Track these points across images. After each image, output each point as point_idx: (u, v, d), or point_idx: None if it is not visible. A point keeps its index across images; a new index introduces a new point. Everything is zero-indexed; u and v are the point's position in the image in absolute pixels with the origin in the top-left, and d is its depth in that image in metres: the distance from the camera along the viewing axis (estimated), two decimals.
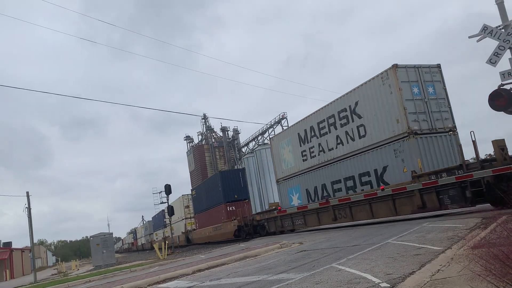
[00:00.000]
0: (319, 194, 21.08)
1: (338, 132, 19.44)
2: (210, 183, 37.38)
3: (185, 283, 9.82)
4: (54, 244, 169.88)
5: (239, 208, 31.19)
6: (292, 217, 22.64)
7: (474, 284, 4.11)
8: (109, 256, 32.23)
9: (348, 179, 18.98)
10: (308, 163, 21.94)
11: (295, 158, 23.30)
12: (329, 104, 20.22)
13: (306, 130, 22.16)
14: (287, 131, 25.16)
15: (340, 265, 7.52)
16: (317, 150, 21.11)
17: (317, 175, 21.30)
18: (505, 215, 9.18)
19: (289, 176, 24.00)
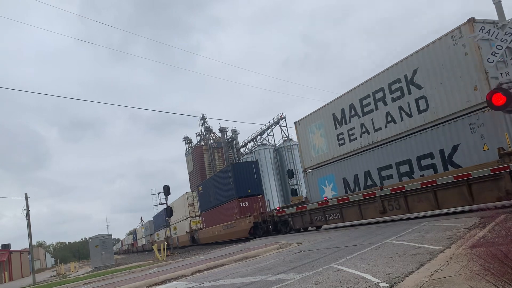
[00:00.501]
0: (362, 183, 18.47)
1: (388, 108, 16.69)
2: (220, 177, 34.36)
3: (184, 284, 9.81)
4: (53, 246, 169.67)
5: (255, 204, 28.85)
6: (325, 211, 19.64)
7: (473, 283, 4.12)
8: (108, 258, 32.17)
9: (402, 164, 16.27)
10: (346, 148, 19.32)
11: (328, 143, 20.54)
12: (375, 77, 17.46)
13: (343, 109, 19.35)
14: (318, 112, 21.54)
15: (339, 265, 7.52)
16: (359, 131, 18.40)
17: (359, 161, 18.61)
18: (503, 214, 9.20)
19: (321, 164, 21.33)
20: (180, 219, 46.81)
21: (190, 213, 42.84)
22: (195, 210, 42.84)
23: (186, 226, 43.98)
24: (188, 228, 42.83)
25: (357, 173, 18.79)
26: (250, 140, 61.32)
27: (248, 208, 28.94)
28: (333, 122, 20.22)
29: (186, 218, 44.20)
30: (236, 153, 64.12)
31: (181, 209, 45.67)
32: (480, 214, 11.17)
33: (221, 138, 67.97)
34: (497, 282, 3.56)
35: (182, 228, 45.55)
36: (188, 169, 71.93)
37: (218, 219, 33.73)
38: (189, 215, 42.96)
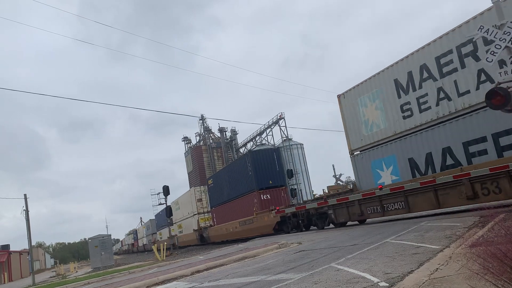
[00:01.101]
0: (437, 164, 15.03)
1: (482, 64, 13.22)
2: (235, 168, 30.81)
3: (184, 284, 9.80)
4: (53, 246, 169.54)
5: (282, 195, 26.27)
6: (382, 200, 16.30)
7: (472, 282, 4.12)
8: (108, 258, 32.15)
9: (503, 135, 12.89)
10: (415, 120, 15.92)
11: (388, 116, 17.16)
12: (461, 26, 14.08)
13: (411, 72, 15.96)
14: (372, 81, 18.01)
15: (339, 265, 7.52)
16: (434, 98, 14.97)
17: (433, 136, 15.19)
18: (502, 213, 9.21)
19: (376, 144, 17.90)
20: (186, 216, 43.79)
21: (198, 209, 39.68)
22: (204, 206, 39.87)
23: (193, 223, 41.01)
24: (196, 225, 39.87)
25: (430, 151, 15.34)
26: (249, 140, 61.34)
27: (270, 201, 25.99)
28: (395, 90, 16.77)
29: (193, 215, 41.13)
30: (235, 153, 64.12)
31: (188, 206, 42.77)
32: (479, 213, 11.18)
33: (220, 138, 67.98)
34: (496, 281, 3.56)
35: (189, 226, 42.69)
36: (187, 169, 71.92)
37: (233, 214, 30.72)
38: (196, 211, 39.80)
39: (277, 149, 29.57)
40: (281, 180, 27.61)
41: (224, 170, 35.09)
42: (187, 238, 43.34)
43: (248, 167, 27.61)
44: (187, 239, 43.35)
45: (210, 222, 37.79)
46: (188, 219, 42.90)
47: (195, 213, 40.33)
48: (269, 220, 24.29)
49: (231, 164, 34.85)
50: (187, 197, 43.14)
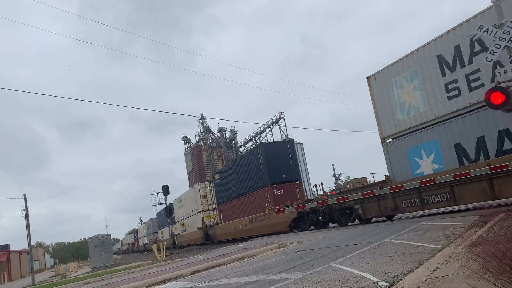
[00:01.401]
0: (492, 149, 13.29)
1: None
2: (245, 162, 29.08)
3: (184, 284, 9.80)
4: (52, 246, 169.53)
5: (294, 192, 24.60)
6: (421, 192, 14.67)
7: (472, 282, 4.12)
8: (107, 258, 32.15)
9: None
10: (463, 101, 14.07)
11: (429, 97, 15.36)
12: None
13: (458, 46, 14.12)
14: (409, 58, 16.19)
15: (339, 264, 7.52)
16: (489, 74, 13.20)
17: (487, 117, 13.34)
18: (502, 213, 9.21)
19: (414, 129, 16.09)
20: (190, 214, 42.24)
21: (202, 206, 38.05)
22: (209, 203, 38.16)
23: (197, 221, 39.37)
24: (201, 223, 38.15)
25: (483, 135, 13.53)
26: (249, 140, 61.40)
27: (284, 196, 24.29)
28: (438, 67, 14.96)
29: (197, 213, 39.50)
30: (235, 153, 64.13)
31: (191, 203, 41.13)
32: (479, 213, 11.19)
33: (220, 138, 68.00)
34: (496, 280, 3.56)
35: (193, 224, 40.92)
36: (187, 169, 71.93)
37: (242, 211, 29.10)
38: (201, 208, 38.16)
39: (291, 142, 27.45)
40: (295, 174, 25.88)
41: (232, 165, 33.20)
42: (191, 237, 41.69)
43: (260, 160, 25.83)
44: (191, 238, 41.66)
45: (217, 219, 36.07)
46: (192, 217, 41.22)
47: (199, 211, 38.62)
48: (284, 217, 22.52)
49: (240, 157, 33.05)
50: (191, 194, 41.42)
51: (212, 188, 37.81)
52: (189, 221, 42.35)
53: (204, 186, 39.12)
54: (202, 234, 37.47)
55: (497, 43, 11.61)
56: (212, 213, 37.43)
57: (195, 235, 39.51)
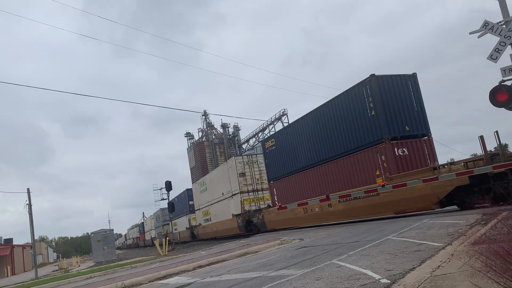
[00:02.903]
0: None
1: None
2: (333, 111, 19.90)
3: (186, 279, 9.84)
4: (55, 241, 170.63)
5: (421, 152, 17.07)
6: None
7: (475, 280, 4.11)
8: (110, 252, 32.28)
9: None
10: None
11: None
12: None
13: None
14: None
15: (341, 261, 7.53)
16: None
17: None
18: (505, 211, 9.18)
19: None
20: (219, 199, 34.25)
21: (240, 187, 29.55)
22: (248, 183, 29.87)
23: (232, 207, 31.14)
24: (239, 209, 29.41)
25: None
26: (252, 136, 61.42)
27: (408, 158, 16.83)
28: None
29: (231, 196, 31.23)
30: (238, 149, 64.16)
31: (222, 184, 33.54)
32: (482, 211, 11.17)
33: (223, 134, 68.03)
34: (498, 279, 3.56)
35: (224, 211, 32.77)
36: (190, 165, 72.05)
37: (319, 187, 21.07)
38: (238, 190, 29.66)
39: (413, 75, 18.04)
40: (422, 125, 17.59)
41: (303, 121, 22.76)
42: (221, 227, 33.50)
43: (368, 103, 17.43)
44: (222, 228, 33.42)
45: (262, 203, 29.14)
46: (222, 201, 33.45)
47: (235, 193, 30.49)
48: (432, 187, 14.44)
49: (323, 105, 20.84)
50: (221, 173, 33.46)
51: (252, 163, 30.37)
52: (218, 208, 34.48)
53: (242, 161, 30.51)
54: (240, 223, 29.29)
55: (502, 41, 11.54)
56: (252, 195, 29.90)
57: (228, 224, 31.52)
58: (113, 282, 11.48)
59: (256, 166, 30.56)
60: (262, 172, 29.97)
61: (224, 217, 32.63)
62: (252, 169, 30.50)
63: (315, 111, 21.74)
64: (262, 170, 29.68)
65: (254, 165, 30.48)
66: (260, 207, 28.77)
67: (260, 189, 30.36)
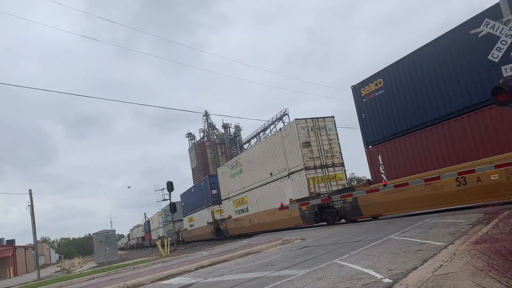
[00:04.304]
0: None
1: None
2: None
3: (188, 279, 9.84)
4: (57, 242, 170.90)
5: None
6: None
7: (477, 279, 4.11)
8: (112, 253, 32.32)
9: None
10: None
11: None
12: None
13: None
14: None
15: (343, 261, 7.53)
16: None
17: None
18: (507, 210, 9.17)
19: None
20: (262, 181, 26.63)
21: (304, 161, 21.88)
22: (314, 156, 22.09)
23: (287, 190, 23.73)
24: (302, 191, 22.05)
25: None
26: (253, 136, 61.44)
27: None
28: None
29: (286, 176, 23.69)
30: (239, 149, 64.17)
31: (268, 161, 25.96)
32: (484, 210, 11.15)
33: (224, 134, 68.08)
34: (501, 278, 3.55)
35: (272, 198, 25.31)
36: (191, 165, 72.15)
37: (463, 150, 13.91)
38: (302, 165, 21.93)
39: None
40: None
41: (442, 42, 14.68)
42: (269, 218, 25.26)
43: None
44: (268, 220, 25.49)
45: (343, 183, 22.44)
46: (269, 184, 25.79)
47: (296, 169, 22.62)
48: None
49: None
50: (270, 146, 25.53)
51: (319, 129, 22.69)
52: (261, 194, 26.93)
53: (306, 125, 22.50)
54: (306, 212, 21.15)
55: (503, 39, 11.52)
56: (320, 173, 22.03)
57: (286, 214, 23.20)
58: (115, 283, 11.49)
59: (324, 133, 22.95)
60: (332, 142, 22.94)
61: (272, 204, 25.19)
62: (319, 137, 22.76)
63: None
64: (332, 139, 23.01)
65: (322, 132, 22.89)
66: (331, 189, 21.64)
67: (330, 164, 22.53)
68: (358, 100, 18.93)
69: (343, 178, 22.57)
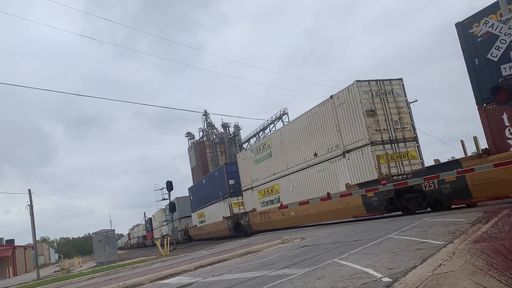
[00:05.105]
0: None
1: None
2: None
3: (188, 279, 9.84)
4: (57, 241, 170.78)
5: None
6: None
7: (476, 278, 4.11)
8: (112, 253, 32.29)
9: None
10: None
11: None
12: None
13: None
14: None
15: (342, 260, 7.53)
16: None
17: None
18: (506, 209, 9.18)
19: None
20: (300, 165, 22.16)
21: (370, 134, 17.54)
22: (381, 129, 17.70)
23: (339, 173, 19.20)
24: (365, 173, 17.74)
25: None
26: (252, 136, 61.41)
27: None
28: None
29: (341, 155, 19.18)
30: (238, 149, 64.18)
31: (310, 139, 21.35)
32: (483, 209, 11.17)
33: (223, 134, 68.07)
34: (500, 277, 3.55)
35: (318, 185, 20.80)
36: (190, 165, 72.07)
37: None
38: (367, 138, 17.56)
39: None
40: None
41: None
42: (319, 208, 20.13)
43: None
44: (321, 210, 20.09)
45: (417, 162, 17.71)
46: (311, 168, 21.32)
47: (360, 145, 17.89)
48: None
49: None
50: (320, 116, 20.55)
51: (385, 94, 18.12)
52: (300, 179, 22.35)
53: (369, 89, 17.92)
54: (380, 199, 16.64)
55: (502, 38, 11.53)
56: (389, 149, 17.43)
57: (340, 203, 18.59)
58: (114, 282, 11.49)
59: (391, 99, 18.22)
60: (401, 111, 18.23)
61: (315, 192, 20.88)
62: (386, 104, 18.12)
63: None
64: (402, 107, 18.30)
65: (389, 97, 18.18)
66: (403, 170, 17.32)
67: (401, 139, 17.90)
68: (467, 42, 14.06)
69: (416, 156, 17.93)
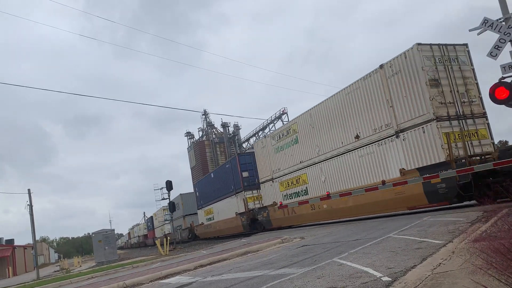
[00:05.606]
0: None
1: None
2: None
3: (187, 278, 9.84)
4: (57, 241, 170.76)
5: None
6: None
7: (476, 277, 4.12)
8: (111, 253, 32.28)
9: None
10: None
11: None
12: None
13: None
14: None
15: (342, 260, 7.53)
16: None
17: None
18: (505, 208, 9.19)
19: None
20: (341, 148, 18.66)
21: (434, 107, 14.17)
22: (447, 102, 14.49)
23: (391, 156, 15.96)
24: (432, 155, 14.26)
25: None
26: (252, 135, 61.45)
27: None
28: None
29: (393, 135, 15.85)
30: (238, 148, 64.19)
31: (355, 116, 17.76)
32: (483, 209, 11.17)
33: (223, 133, 68.08)
34: (499, 276, 3.56)
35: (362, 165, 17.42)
36: (190, 164, 72.07)
37: None
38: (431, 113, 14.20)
39: None
40: None
41: None
42: (360, 200, 17.41)
43: None
44: (363, 202, 17.31)
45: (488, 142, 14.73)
46: (352, 152, 17.95)
47: (422, 121, 14.53)
48: None
49: None
50: (365, 90, 17.12)
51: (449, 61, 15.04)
52: (334, 166, 19.19)
53: (431, 54, 14.83)
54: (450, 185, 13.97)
55: (502, 37, 11.53)
56: (456, 126, 14.31)
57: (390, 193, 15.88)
58: (114, 282, 11.49)
59: (456, 67, 15.18)
60: (467, 82, 15.18)
61: (355, 182, 17.81)
62: (451, 73, 15.02)
63: None
64: (468, 78, 15.24)
65: (454, 65, 15.15)
66: (473, 151, 14.26)
67: (469, 114, 14.80)
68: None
69: (486, 135, 14.90)
